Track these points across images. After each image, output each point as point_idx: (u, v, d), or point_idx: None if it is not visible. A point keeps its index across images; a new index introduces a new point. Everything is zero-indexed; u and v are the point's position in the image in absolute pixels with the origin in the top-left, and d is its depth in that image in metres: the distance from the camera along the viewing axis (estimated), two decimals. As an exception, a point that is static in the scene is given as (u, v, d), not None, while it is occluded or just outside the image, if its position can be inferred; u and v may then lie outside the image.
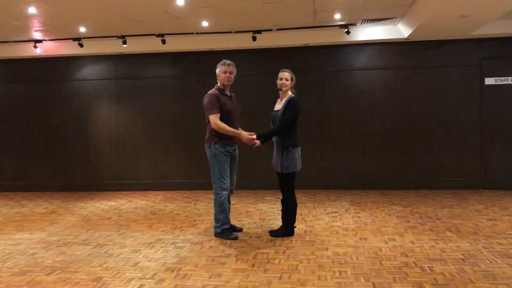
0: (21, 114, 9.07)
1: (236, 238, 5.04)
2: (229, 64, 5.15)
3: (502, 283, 3.58)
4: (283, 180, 5.04)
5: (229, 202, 5.31)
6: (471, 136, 7.96)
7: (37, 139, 9.04)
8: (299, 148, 5.02)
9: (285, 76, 5.01)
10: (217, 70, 5.17)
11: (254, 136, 4.97)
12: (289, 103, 4.92)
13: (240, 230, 5.38)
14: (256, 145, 4.97)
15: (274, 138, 5.04)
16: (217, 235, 5.13)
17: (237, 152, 5.21)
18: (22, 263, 4.35)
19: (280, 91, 5.08)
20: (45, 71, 8.96)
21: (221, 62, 5.18)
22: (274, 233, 5.13)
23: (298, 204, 5.18)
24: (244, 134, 4.98)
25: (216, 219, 5.14)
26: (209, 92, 5.10)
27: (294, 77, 5.06)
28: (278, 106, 5.06)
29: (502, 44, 7.79)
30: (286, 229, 5.11)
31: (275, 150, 5.07)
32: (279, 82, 5.04)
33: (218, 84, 5.17)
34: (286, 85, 5.01)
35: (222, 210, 5.07)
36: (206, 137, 5.11)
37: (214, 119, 4.94)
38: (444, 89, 8.01)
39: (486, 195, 7.35)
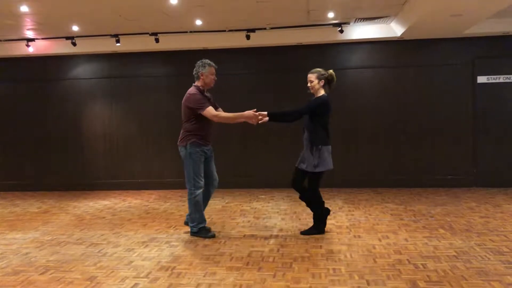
0: (14, 113, 9.01)
1: (213, 236, 5.03)
2: (215, 67, 5.09)
3: (494, 279, 3.61)
4: (310, 178, 4.99)
5: (209, 197, 5.28)
6: (463, 134, 8.01)
7: (30, 138, 8.98)
8: (329, 147, 4.97)
9: (309, 79, 5.05)
10: (204, 70, 5.00)
11: (258, 112, 4.89)
12: (313, 101, 4.99)
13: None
14: (262, 121, 4.87)
15: (304, 137, 5.02)
16: (194, 234, 5.10)
17: (212, 152, 5.18)
18: (15, 263, 4.33)
19: None
20: (37, 70, 8.91)
21: (207, 62, 5.04)
22: (305, 232, 5.11)
23: (293, 202, 5.19)
24: (247, 113, 4.88)
25: (192, 219, 5.09)
26: (190, 92, 5.00)
27: (324, 75, 4.99)
28: None
29: (494, 43, 7.84)
30: (318, 228, 5.11)
31: (304, 148, 5.03)
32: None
33: (199, 84, 5.05)
34: (312, 87, 5.03)
35: (197, 210, 5.05)
36: (181, 137, 5.04)
37: (212, 112, 4.88)
38: (436, 88, 8.05)
39: (479, 193, 7.41)
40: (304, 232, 5.12)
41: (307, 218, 5.90)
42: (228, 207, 6.74)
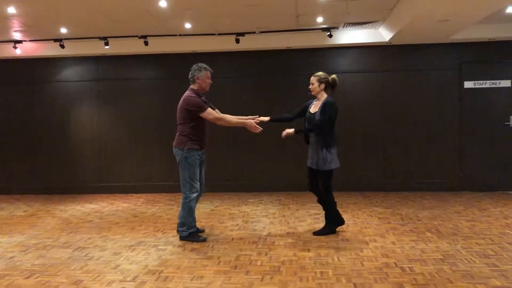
0: (0, 116, 8.91)
1: (205, 240, 5.04)
2: (211, 71, 5.14)
3: (480, 282, 3.65)
4: (322, 178, 5.14)
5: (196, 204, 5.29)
6: (450, 139, 8.09)
7: (17, 141, 8.87)
8: (336, 147, 5.14)
9: (311, 81, 5.18)
10: (200, 73, 5.03)
11: (261, 118, 5.16)
12: (324, 106, 5.04)
13: (202, 231, 5.43)
14: (258, 131, 5.09)
15: (311, 139, 5.18)
16: (184, 238, 5.07)
17: (204, 157, 5.20)
18: (0, 267, 4.27)
19: None
20: (25, 72, 8.81)
21: (203, 66, 5.07)
22: (318, 232, 5.22)
23: (282, 206, 5.21)
24: (250, 122, 5.07)
25: (182, 223, 5.08)
26: (189, 95, 5.00)
27: (324, 78, 5.13)
28: (315, 108, 5.17)
29: (480, 48, 7.94)
30: (329, 228, 5.24)
31: (311, 149, 5.19)
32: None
33: (195, 88, 5.07)
34: (313, 89, 5.17)
35: (190, 214, 5.04)
36: (178, 140, 5.04)
37: (214, 114, 5.00)
38: (424, 92, 8.13)
39: (466, 197, 7.48)
40: (316, 233, 5.21)
41: (295, 221, 5.91)
42: (217, 211, 6.72)
